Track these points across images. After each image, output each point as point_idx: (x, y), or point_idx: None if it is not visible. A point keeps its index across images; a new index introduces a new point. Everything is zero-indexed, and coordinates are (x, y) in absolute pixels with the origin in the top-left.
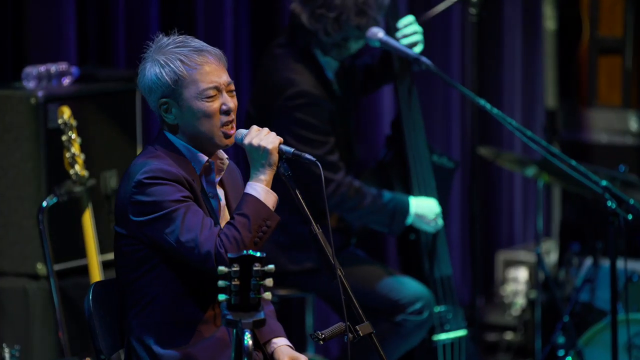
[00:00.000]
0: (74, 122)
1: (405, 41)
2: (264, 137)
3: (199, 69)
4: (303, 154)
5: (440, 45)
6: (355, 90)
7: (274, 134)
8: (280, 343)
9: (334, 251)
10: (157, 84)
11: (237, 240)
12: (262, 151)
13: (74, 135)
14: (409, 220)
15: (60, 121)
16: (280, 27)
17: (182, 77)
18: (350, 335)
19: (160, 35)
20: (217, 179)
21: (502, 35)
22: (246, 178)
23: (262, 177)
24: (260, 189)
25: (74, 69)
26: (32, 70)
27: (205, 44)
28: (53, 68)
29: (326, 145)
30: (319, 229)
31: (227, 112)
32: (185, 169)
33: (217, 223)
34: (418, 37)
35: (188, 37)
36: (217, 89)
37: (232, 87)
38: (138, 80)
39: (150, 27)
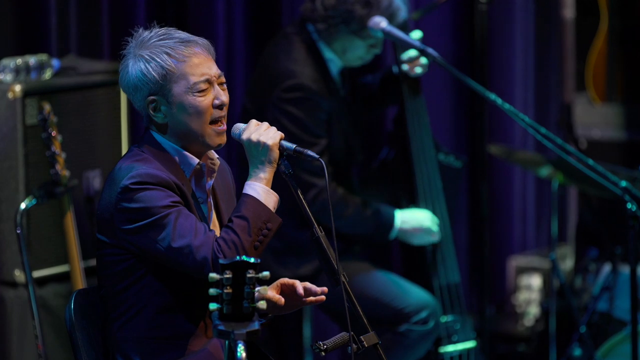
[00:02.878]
0: (54, 118)
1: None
2: (263, 132)
3: (187, 61)
4: (305, 150)
5: (447, 36)
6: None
7: (274, 128)
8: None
9: (337, 255)
10: (143, 80)
11: (236, 244)
12: (262, 147)
13: (54, 132)
14: (393, 234)
15: (39, 117)
16: (277, 16)
17: (170, 71)
18: (355, 346)
19: (140, 30)
20: (209, 183)
21: (514, 24)
22: (242, 178)
23: (262, 175)
24: (260, 188)
25: (54, 61)
26: (9, 62)
27: (190, 34)
28: (32, 60)
29: (314, 147)
30: (321, 232)
31: (220, 107)
32: (175, 172)
33: (210, 229)
34: (422, 61)
35: (170, 28)
36: (209, 81)
37: (223, 79)
38: (120, 79)
39: (136, 15)
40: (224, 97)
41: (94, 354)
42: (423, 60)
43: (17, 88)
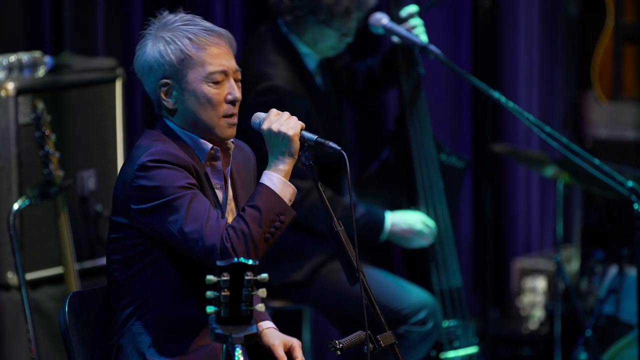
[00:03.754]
0: (47, 117)
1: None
2: (284, 122)
3: (208, 50)
4: (327, 141)
5: (449, 32)
6: (344, 87)
7: (295, 118)
8: (266, 326)
9: (357, 252)
10: (159, 62)
11: (245, 234)
12: (283, 138)
13: (48, 131)
14: (383, 236)
15: (32, 115)
16: None
17: (189, 56)
18: (371, 346)
19: (165, 12)
20: (227, 169)
21: (517, 20)
22: (262, 169)
23: (281, 166)
24: (277, 179)
25: (48, 59)
26: (1, 59)
27: (214, 25)
28: (25, 57)
29: None
30: (340, 226)
31: (233, 102)
32: (190, 156)
33: (223, 216)
34: (420, 30)
35: (196, 16)
36: (225, 73)
37: (240, 75)
38: (135, 59)
39: (132, 12)
40: (238, 93)
41: (88, 358)
42: (419, 25)
43: (10, 86)
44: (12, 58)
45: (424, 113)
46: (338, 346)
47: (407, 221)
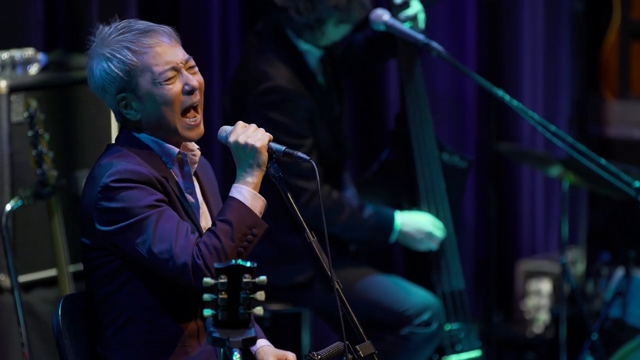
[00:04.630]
0: (41, 116)
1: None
2: (251, 134)
3: (149, 52)
4: (296, 152)
5: (452, 29)
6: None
7: (262, 130)
8: (260, 345)
9: (330, 262)
10: (108, 80)
11: (218, 249)
12: (250, 150)
13: (41, 130)
14: (393, 237)
15: (25, 114)
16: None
17: (133, 66)
18: (350, 356)
19: (101, 26)
20: (192, 169)
21: (522, 16)
22: (231, 180)
23: (250, 179)
24: (247, 192)
25: (41, 56)
26: None
27: (151, 23)
28: (18, 55)
29: (301, 149)
30: (313, 237)
31: (190, 92)
32: (156, 165)
33: (196, 222)
34: (421, 17)
35: (131, 20)
36: (175, 69)
37: (192, 62)
38: (88, 82)
39: (127, 7)
40: (194, 81)
41: None
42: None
43: (3, 84)
44: (5, 55)
45: (425, 111)
46: (317, 357)
47: (417, 222)
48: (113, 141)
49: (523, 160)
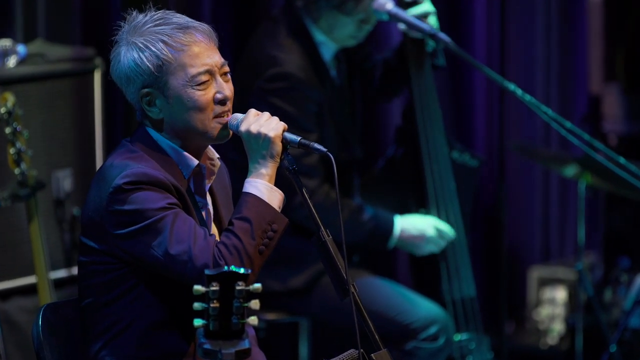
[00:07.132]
0: (19, 111)
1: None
2: (264, 123)
3: (186, 51)
4: (312, 143)
5: (461, 19)
6: (363, 80)
7: (276, 119)
8: None
9: (346, 264)
10: (136, 71)
11: (239, 249)
12: (263, 140)
13: (19, 127)
14: (392, 242)
15: (3, 110)
16: None
17: (166, 61)
18: None
19: (134, 13)
20: (208, 185)
21: (535, 5)
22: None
23: (264, 171)
24: (263, 186)
25: (19, 47)
26: None
27: (189, 18)
28: None
29: None
30: (328, 236)
31: (222, 102)
32: (172, 173)
33: (210, 234)
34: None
35: (168, 12)
36: (210, 72)
37: (227, 68)
38: (111, 69)
39: None
40: (227, 90)
41: None
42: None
43: None
44: None
45: (434, 107)
46: None
47: (418, 226)
48: (97, 139)
49: (536, 159)
